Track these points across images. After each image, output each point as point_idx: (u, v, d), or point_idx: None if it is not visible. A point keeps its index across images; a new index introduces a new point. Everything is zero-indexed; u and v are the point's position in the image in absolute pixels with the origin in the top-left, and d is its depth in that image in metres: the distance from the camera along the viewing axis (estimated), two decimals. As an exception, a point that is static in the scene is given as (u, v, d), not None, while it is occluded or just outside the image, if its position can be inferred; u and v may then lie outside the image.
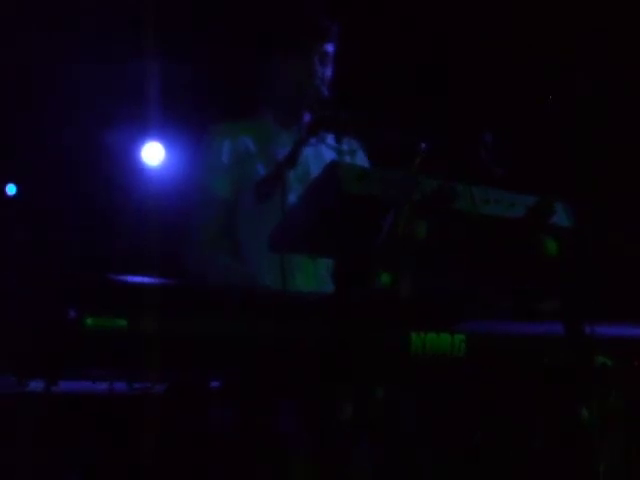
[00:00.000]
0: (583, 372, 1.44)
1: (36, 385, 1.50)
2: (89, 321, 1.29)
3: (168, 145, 4.42)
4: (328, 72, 1.82)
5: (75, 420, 1.59)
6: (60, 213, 4.36)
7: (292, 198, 1.51)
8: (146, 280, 1.39)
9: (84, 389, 1.59)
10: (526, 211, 1.44)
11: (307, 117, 1.83)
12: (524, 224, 1.44)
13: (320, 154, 1.79)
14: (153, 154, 4.47)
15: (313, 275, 1.65)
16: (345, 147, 1.76)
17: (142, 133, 4.27)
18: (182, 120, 4.04)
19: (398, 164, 1.41)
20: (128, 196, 4.27)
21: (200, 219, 1.76)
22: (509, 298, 1.55)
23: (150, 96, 3.81)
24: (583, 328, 1.42)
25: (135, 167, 4.26)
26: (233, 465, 1.48)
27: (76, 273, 1.38)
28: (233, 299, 1.43)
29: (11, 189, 4.57)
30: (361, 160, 1.93)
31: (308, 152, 1.74)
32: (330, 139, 1.82)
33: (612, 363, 1.43)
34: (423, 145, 1.38)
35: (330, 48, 1.82)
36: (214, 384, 1.43)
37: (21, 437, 1.51)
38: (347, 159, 1.79)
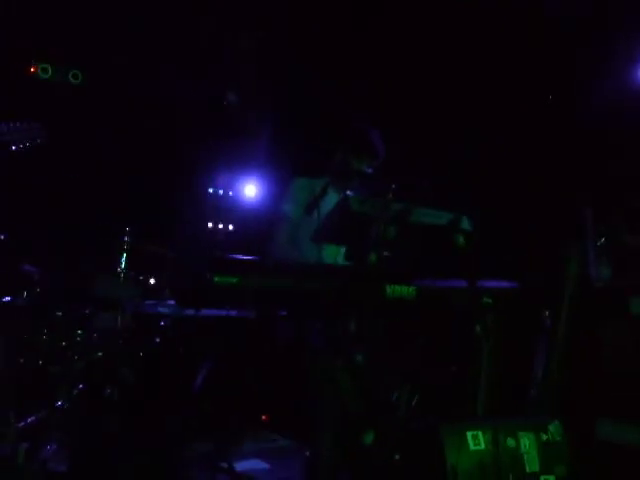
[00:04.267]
0: (476, 306, 2.66)
1: (189, 311, 2.73)
2: (216, 279, 2.41)
3: (261, 185, 6.89)
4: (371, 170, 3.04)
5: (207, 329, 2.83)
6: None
7: (323, 214, 2.71)
8: (244, 258, 2.54)
9: (214, 314, 2.82)
10: (448, 221, 2.66)
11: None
12: (446, 228, 2.66)
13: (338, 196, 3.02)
14: (251, 191, 7.00)
15: (335, 257, 2.88)
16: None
17: (245, 176, 6.38)
18: (271, 169, 6.33)
19: (379, 196, 2.63)
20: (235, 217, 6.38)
21: (280, 230, 2.96)
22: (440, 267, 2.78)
23: (255, 155, 5.67)
24: (476, 282, 2.65)
25: (238, 199, 6.57)
26: (290, 361, 2.70)
27: (211, 254, 2.54)
28: (290, 268, 2.60)
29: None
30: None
31: (333, 195, 2.96)
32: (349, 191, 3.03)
33: (491, 301, 2.67)
34: (393, 186, 2.60)
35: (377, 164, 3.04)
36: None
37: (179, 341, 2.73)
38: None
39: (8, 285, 3.42)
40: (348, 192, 2.97)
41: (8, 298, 3.39)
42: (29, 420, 3.17)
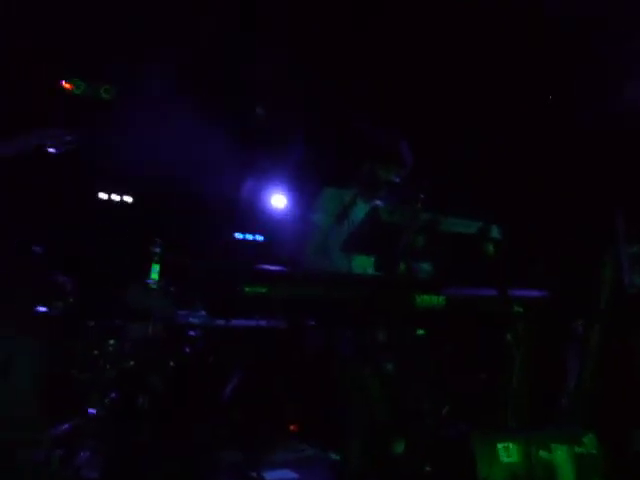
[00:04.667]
0: (507, 315, 2.64)
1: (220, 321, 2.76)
2: (246, 289, 2.43)
3: (289, 195, 6.88)
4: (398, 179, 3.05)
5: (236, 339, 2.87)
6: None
7: (353, 223, 2.72)
8: (274, 268, 2.55)
9: (243, 324, 2.85)
10: (477, 230, 2.65)
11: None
12: (476, 237, 2.65)
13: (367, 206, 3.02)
14: (279, 201, 6.82)
15: (365, 267, 2.90)
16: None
17: (272, 186, 6.67)
18: (300, 180, 6.42)
19: (407, 204, 2.63)
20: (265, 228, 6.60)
21: (310, 239, 2.98)
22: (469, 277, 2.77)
23: (286, 168, 6.29)
24: (507, 291, 2.64)
25: (265, 210, 6.69)
26: (320, 370, 2.71)
27: (240, 266, 2.56)
28: (319, 277, 2.61)
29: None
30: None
31: (362, 205, 2.96)
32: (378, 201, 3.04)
33: (522, 309, 2.65)
34: (421, 195, 2.60)
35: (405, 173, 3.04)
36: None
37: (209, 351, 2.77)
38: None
39: (43, 295, 3.50)
40: (377, 202, 2.98)
41: (43, 308, 3.46)
42: (63, 427, 3.22)
